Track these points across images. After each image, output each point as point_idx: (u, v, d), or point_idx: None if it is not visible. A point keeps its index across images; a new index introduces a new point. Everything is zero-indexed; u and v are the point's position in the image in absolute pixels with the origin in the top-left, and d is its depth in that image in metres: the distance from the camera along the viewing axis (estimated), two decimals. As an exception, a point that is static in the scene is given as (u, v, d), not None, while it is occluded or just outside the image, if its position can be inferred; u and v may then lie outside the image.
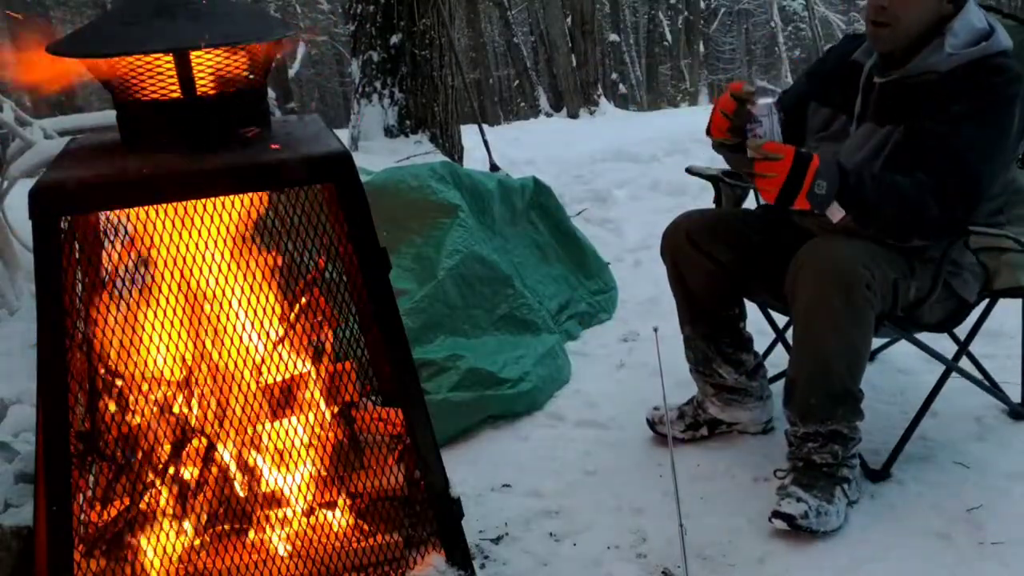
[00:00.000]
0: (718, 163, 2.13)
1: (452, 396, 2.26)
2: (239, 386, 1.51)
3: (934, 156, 1.69)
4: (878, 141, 1.79)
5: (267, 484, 1.56)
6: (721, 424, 2.14)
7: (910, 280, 1.76)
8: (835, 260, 1.66)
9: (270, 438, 1.55)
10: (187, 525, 1.52)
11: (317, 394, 1.58)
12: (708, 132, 1.87)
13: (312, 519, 1.57)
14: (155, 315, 1.45)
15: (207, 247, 1.43)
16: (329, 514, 1.58)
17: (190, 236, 1.41)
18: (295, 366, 1.56)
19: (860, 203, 1.65)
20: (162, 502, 1.51)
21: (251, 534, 1.55)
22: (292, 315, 1.56)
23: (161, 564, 1.48)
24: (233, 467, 1.55)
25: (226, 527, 1.55)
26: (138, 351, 1.47)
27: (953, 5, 1.75)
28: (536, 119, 10.69)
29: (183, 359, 1.51)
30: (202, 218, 1.41)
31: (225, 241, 1.46)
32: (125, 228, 1.47)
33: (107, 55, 1.35)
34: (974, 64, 1.71)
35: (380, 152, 4.06)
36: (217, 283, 1.45)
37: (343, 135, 3.09)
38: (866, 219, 1.67)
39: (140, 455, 1.50)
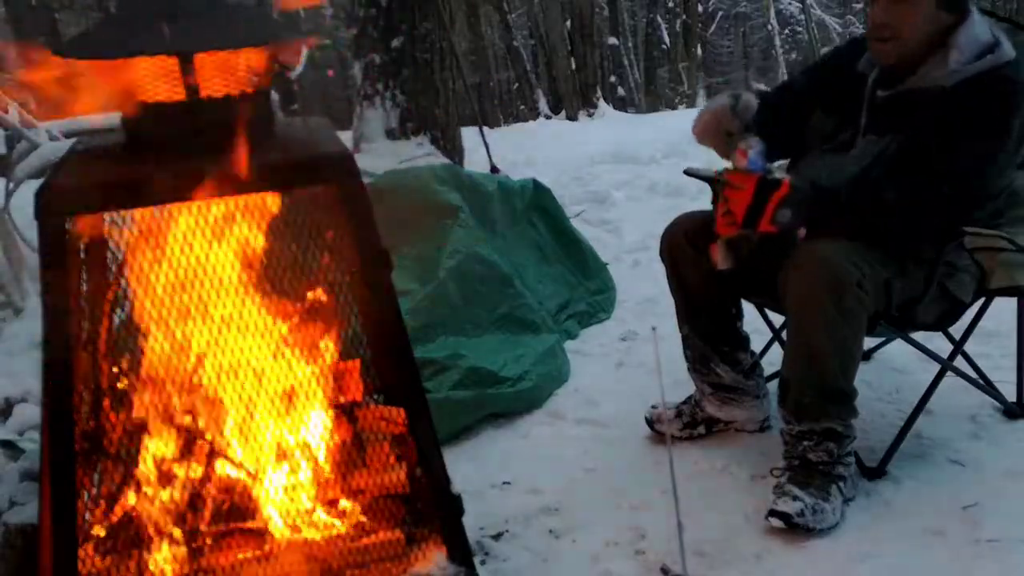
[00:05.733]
0: (715, 165, 2.15)
1: (453, 394, 2.27)
2: (244, 385, 1.53)
3: (931, 169, 1.71)
4: (879, 151, 1.81)
5: (271, 482, 1.58)
6: (718, 422, 2.16)
7: (903, 280, 1.78)
8: (826, 260, 1.68)
9: (275, 436, 1.56)
10: (190, 523, 1.54)
11: (321, 393, 1.60)
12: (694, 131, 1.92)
13: (315, 516, 1.59)
14: (160, 315, 1.46)
15: (211, 247, 1.45)
16: (331, 511, 1.59)
17: (194, 236, 1.43)
18: (299, 365, 1.58)
19: (838, 223, 1.70)
20: (165, 500, 1.53)
21: (254, 532, 1.56)
22: (296, 315, 1.57)
23: (164, 561, 1.49)
24: (237, 465, 1.57)
25: (229, 525, 1.57)
26: (143, 351, 1.49)
27: (952, 15, 1.75)
28: (535, 121, 10.70)
29: (187, 358, 1.53)
30: (206, 219, 1.42)
31: (229, 241, 1.47)
32: (131, 229, 1.49)
33: (111, 57, 1.37)
34: (979, 78, 1.72)
35: (382, 154, 4.09)
36: (221, 283, 1.47)
37: (346, 137, 3.11)
38: (852, 235, 1.71)
39: (144, 453, 1.52)
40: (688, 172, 2.23)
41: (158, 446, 1.52)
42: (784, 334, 1.88)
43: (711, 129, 1.84)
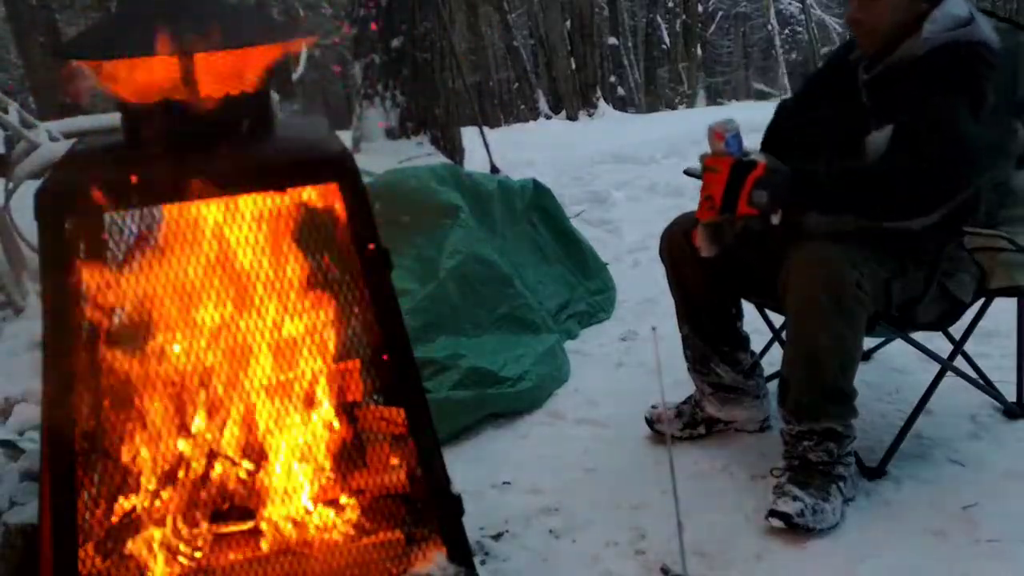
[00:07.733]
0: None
1: (453, 395, 2.28)
2: (244, 385, 1.53)
3: (911, 125, 1.70)
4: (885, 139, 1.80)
5: (271, 482, 1.58)
6: (718, 422, 2.16)
7: (903, 280, 1.78)
8: (825, 260, 1.68)
9: (274, 436, 1.56)
10: (190, 522, 1.54)
11: (321, 393, 1.60)
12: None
13: (315, 516, 1.59)
14: (159, 315, 1.46)
15: (211, 247, 1.45)
16: (332, 512, 1.59)
17: (195, 236, 1.43)
18: (299, 365, 1.58)
19: (819, 201, 1.70)
20: (166, 499, 1.53)
21: (254, 531, 1.56)
22: (296, 314, 1.57)
23: (164, 561, 1.49)
24: (236, 465, 1.57)
25: (230, 525, 1.57)
26: (143, 351, 1.49)
27: (928, 2, 1.76)
28: (535, 121, 10.71)
29: (186, 359, 1.53)
30: (206, 219, 1.42)
31: (229, 241, 1.47)
32: (131, 229, 1.49)
33: (111, 57, 1.37)
34: (950, 45, 1.72)
35: (382, 153, 4.09)
36: (220, 282, 1.47)
37: (346, 137, 3.12)
38: (836, 211, 1.71)
39: (143, 453, 1.52)
40: (688, 172, 2.23)
41: (158, 446, 1.52)
42: (784, 334, 1.88)
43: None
